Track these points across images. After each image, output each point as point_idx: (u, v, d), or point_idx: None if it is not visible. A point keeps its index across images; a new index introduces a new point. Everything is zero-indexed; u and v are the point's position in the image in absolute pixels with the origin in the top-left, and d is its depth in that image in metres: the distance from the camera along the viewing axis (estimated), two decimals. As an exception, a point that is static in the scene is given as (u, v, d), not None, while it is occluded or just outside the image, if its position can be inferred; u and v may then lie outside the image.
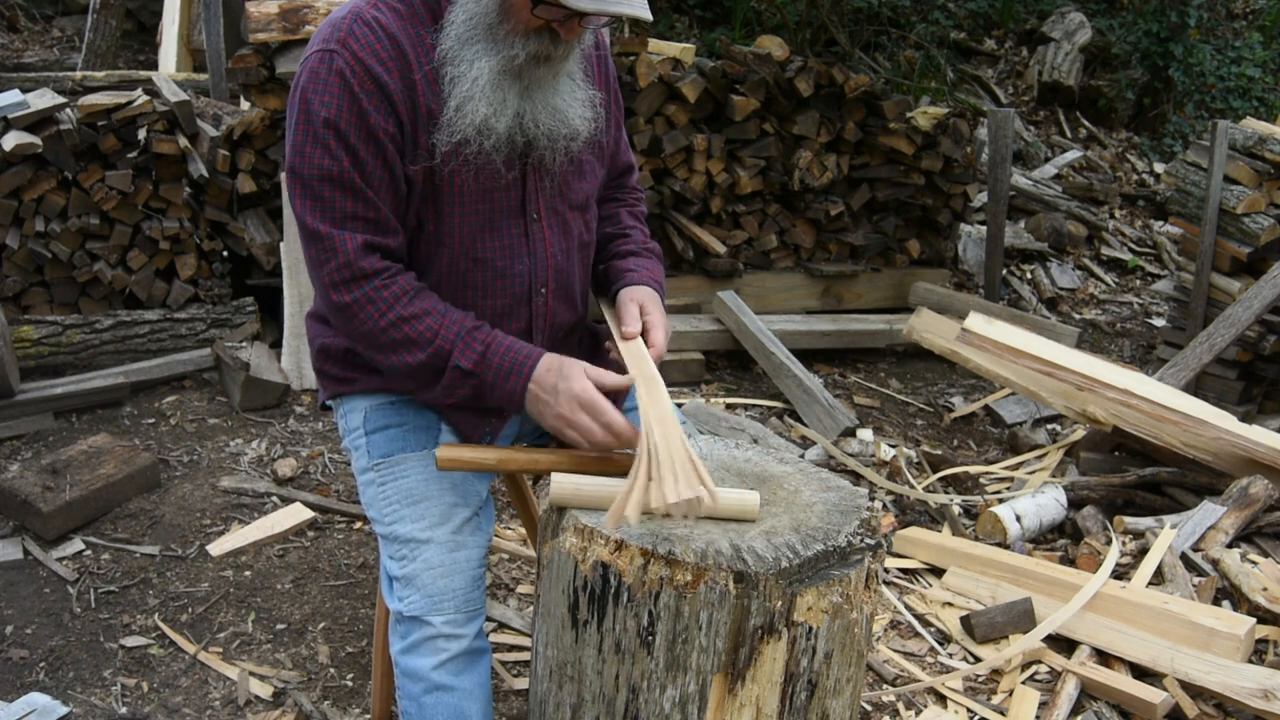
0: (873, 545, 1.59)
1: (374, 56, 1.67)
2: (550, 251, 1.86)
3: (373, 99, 1.67)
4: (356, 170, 1.67)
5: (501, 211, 1.80)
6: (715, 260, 4.71)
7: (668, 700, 1.52)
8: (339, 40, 1.67)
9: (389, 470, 1.84)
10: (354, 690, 2.48)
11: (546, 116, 1.73)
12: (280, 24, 3.92)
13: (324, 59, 1.68)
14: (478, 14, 1.66)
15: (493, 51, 1.66)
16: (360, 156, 1.68)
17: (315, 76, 1.68)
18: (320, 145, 1.67)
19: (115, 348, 3.89)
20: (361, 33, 1.68)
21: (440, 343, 1.70)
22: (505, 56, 1.66)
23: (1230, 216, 4.62)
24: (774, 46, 4.75)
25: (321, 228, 1.69)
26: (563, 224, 1.88)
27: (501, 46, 1.66)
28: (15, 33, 6.65)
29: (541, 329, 1.90)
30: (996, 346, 3.79)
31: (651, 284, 1.95)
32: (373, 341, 1.73)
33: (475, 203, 1.77)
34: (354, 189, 1.68)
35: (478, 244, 1.79)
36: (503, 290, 1.84)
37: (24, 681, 2.44)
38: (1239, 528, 3.15)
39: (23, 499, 2.92)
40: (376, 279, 1.70)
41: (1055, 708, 2.51)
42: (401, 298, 1.70)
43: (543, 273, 1.86)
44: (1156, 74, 7.79)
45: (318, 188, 1.68)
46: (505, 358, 1.70)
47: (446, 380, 1.72)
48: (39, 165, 3.86)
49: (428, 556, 1.78)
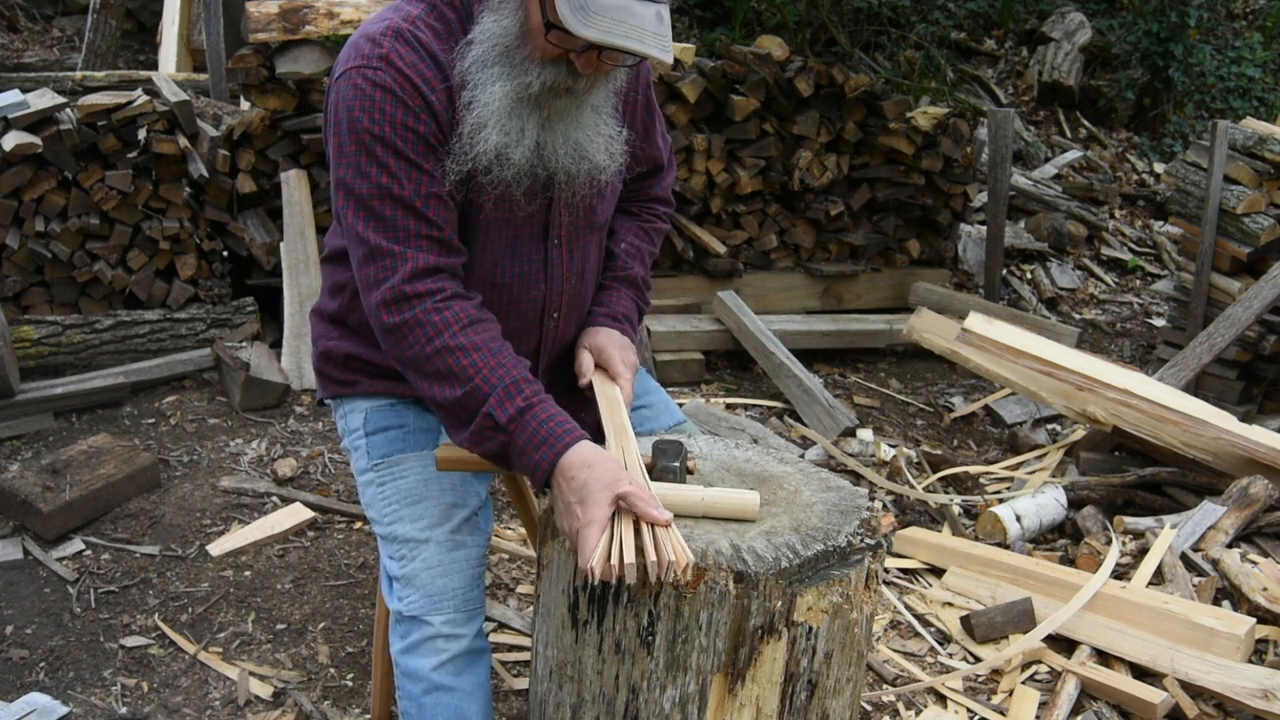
0: (873, 545, 1.59)
1: (418, 75, 1.63)
2: (566, 276, 1.85)
3: (422, 113, 1.63)
4: (418, 187, 1.63)
5: (524, 239, 1.78)
6: (715, 260, 4.71)
7: (668, 700, 1.52)
8: (380, 57, 1.63)
9: (388, 471, 1.84)
10: (354, 690, 2.48)
11: (568, 152, 1.68)
12: (280, 24, 3.92)
13: (367, 75, 1.63)
14: (498, 35, 1.62)
15: (508, 76, 1.62)
16: (424, 169, 1.63)
17: (361, 93, 1.62)
18: (376, 162, 1.62)
19: (115, 348, 3.89)
20: (404, 50, 1.64)
21: (480, 383, 1.59)
22: (521, 83, 1.61)
23: (1230, 216, 4.62)
24: (774, 46, 4.75)
25: (384, 244, 1.63)
26: (582, 248, 1.86)
27: (518, 72, 1.61)
28: (15, 33, 6.65)
29: (550, 350, 1.90)
30: (996, 346, 3.79)
31: (606, 322, 1.92)
32: (418, 368, 1.64)
33: (500, 229, 1.74)
34: (414, 208, 1.63)
35: (498, 270, 1.77)
36: (517, 314, 1.83)
37: (24, 681, 2.44)
38: (1239, 528, 3.15)
39: (23, 499, 2.92)
40: (429, 300, 1.62)
41: (1055, 708, 2.51)
42: (452, 324, 1.62)
43: (556, 297, 1.85)
44: (1156, 74, 7.79)
45: (378, 206, 1.63)
46: (545, 426, 1.57)
47: (476, 426, 1.61)
48: (39, 165, 3.86)
49: (426, 556, 1.78)
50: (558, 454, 1.55)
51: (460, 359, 1.61)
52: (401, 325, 1.63)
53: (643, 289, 2.04)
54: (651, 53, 1.53)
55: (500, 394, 1.59)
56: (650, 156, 2.02)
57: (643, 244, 2.05)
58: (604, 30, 1.50)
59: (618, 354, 1.87)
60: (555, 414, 1.60)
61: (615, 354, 1.86)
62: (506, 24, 1.61)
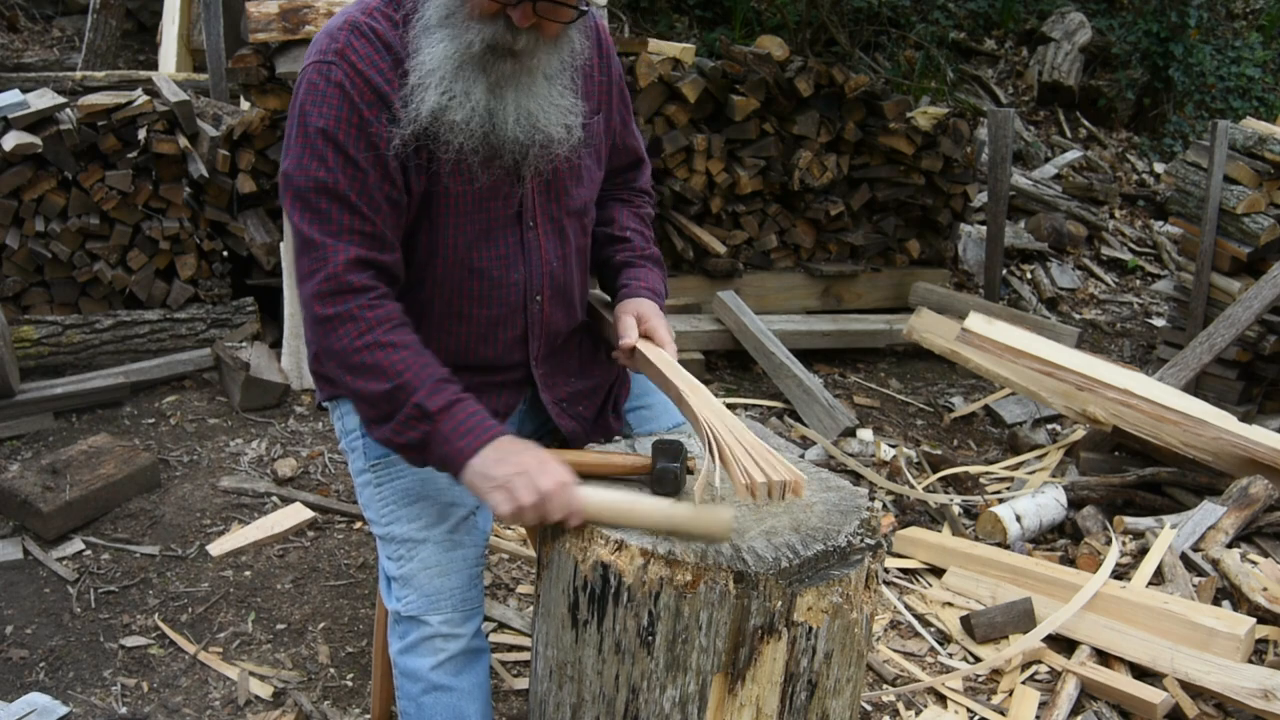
0: (873, 545, 1.59)
1: (373, 67, 1.65)
2: (546, 259, 1.84)
3: (373, 109, 1.64)
4: (354, 182, 1.64)
5: (498, 221, 1.78)
6: (715, 260, 4.71)
7: (668, 700, 1.52)
8: (336, 51, 1.65)
9: (385, 471, 1.84)
10: (354, 690, 2.48)
11: (518, 119, 1.68)
12: (280, 24, 3.92)
13: (321, 70, 1.65)
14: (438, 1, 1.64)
15: (450, 37, 1.62)
16: (361, 167, 1.65)
17: (313, 89, 1.66)
18: (316, 157, 1.64)
19: (115, 348, 3.89)
20: (359, 43, 1.65)
21: (410, 378, 1.63)
22: (462, 42, 1.62)
23: (1230, 216, 4.62)
24: (774, 46, 4.75)
25: (316, 237, 1.65)
26: (559, 231, 1.86)
27: (459, 31, 1.62)
28: (15, 33, 6.64)
29: (538, 335, 1.89)
30: (996, 346, 3.79)
31: (648, 294, 1.92)
32: (343, 360, 1.66)
33: (471, 212, 1.75)
34: (349, 202, 1.65)
35: (474, 254, 1.77)
36: (498, 299, 1.82)
37: (24, 681, 2.44)
38: (1239, 528, 3.15)
39: (23, 499, 2.92)
40: (364, 296, 1.65)
41: (1055, 708, 2.51)
42: (385, 322, 1.65)
43: (538, 280, 1.84)
44: (1156, 74, 7.79)
45: (314, 200, 1.65)
46: (472, 419, 1.62)
47: (402, 416, 1.63)
48: (39, 165, 3.86)
49: (424, 556, 1.77)
50: (484, 442, 1.60)
51: (390, 354, 1.64)
52: (335, 318, 1.65)
53: (662, 270, 2.05)
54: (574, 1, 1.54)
55: (430, 387, 1.63)
56: (631, 148, 2.04)
57: (643, 228, 2.06)
58: None
59: (662, 324, 1.87)
60: (483, 413, 1.64)
61: (660, 324, 1.87)
62: None
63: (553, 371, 1.94)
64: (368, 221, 1.67)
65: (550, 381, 1.94)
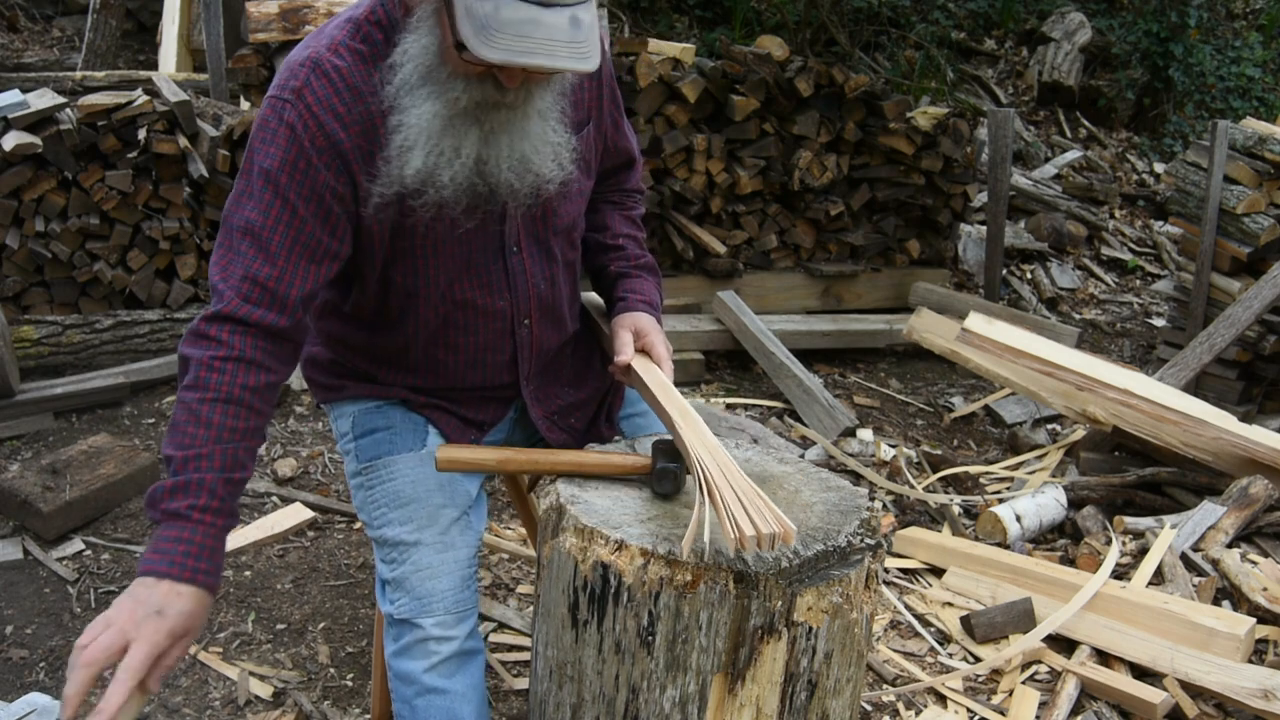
0: (873, 545, 1.59)
1: (329, 111, 1.57)
2: (533, 283, 1.80)
3: (324, 155, 1.56)
4: (285, 229, 1.56)
5: (479, 252, 1.73)
6: (715, 260, 4.71)
7: (668, 700, 1.52)
8: (294, 90, 1.56)
9: (375, 474, 1.83)
10: (354, 690, 2.48)
11: (511, 165, 1.61)
12: (280, 24, 3.92)
13: (275, 108, 1.57)
14: (418, 55, 1.53)
15: (435, 95, 1.54)
16: (299, 214, 1.57)
17: (265, 125, 1.58)
18: (251, 196, 1.57)
19: (115, 348, 3.89)
20: (319, 85, 1.57)
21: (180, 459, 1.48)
22: (449, 99, 1.53)
23: (1230, 216, 4.62)
24: (774, 46, 4.75)
25: (218, 280, 1.56)
26: (546, 252, 1.81)
27: (444, 89, 1.53)
28: (15, 33, 6.65)
29: (527, 358, 1.87)
30: (996, 346, 3.79)
31: (644, 308, 1.88)
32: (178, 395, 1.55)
33: (449, 248, 1.69)
34: (267, 250, 1.56)
35: (456, 288, 1.73)
36: (485, 327, 1.80)
37: (24, 681, 2.44)
38: (1239, 528, 3.15)
39: (23, 499, 2.92)
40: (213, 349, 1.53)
41: (1055, 708, 2.51)
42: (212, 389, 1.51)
43: (525, 305, 1.81)
44: (1156, 74, 7.79)
45: (236, 240, 1.57)
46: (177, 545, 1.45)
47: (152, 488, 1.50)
48: (39, 165, 3.86)
49: (416, 559, 1.76)
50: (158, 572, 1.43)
51: (191, 428, 1.50)
52: (185, 358, 1.55)
53: (657, 278, 2.00)
54: (564, 65, 1.42)
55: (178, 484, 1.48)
56: (623, 149, 1.97)
57: (636, 232, 2.02)
58: (507, 49, 1.39)
59: (660, 339, 1.83)
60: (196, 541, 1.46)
61: (657, 339, 1.83)
62: (425, 42, 1.53)
63: (544, 385, 1.93)
64: (276, 276, 1.57)
65: (541, 395, 1.92)
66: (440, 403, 1.87)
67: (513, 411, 1.95)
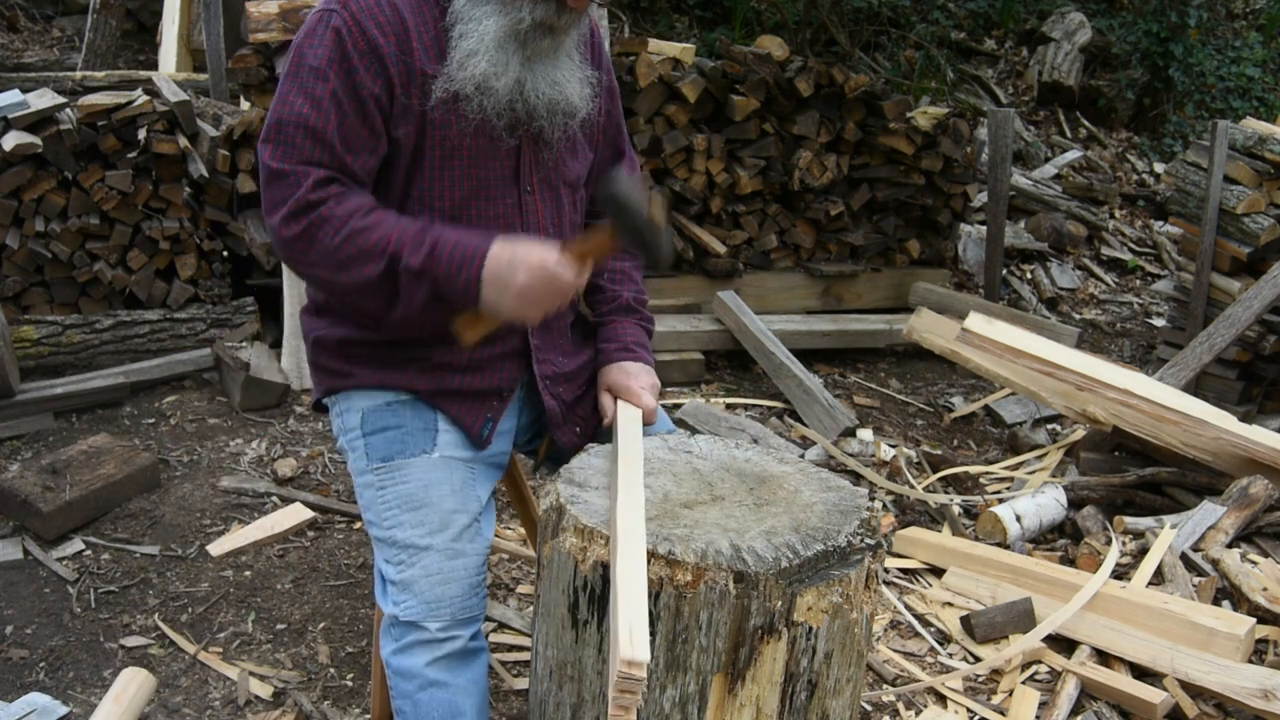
0: (873, 545, 1.59)
1: (371, 19, 1.70)
2: (543, 225, 1.88)
3: (365, 59, 1.69)
4: (335, 120, 1.69)
5: (496, 180, 1.82)
6: (715, 260, 4.71)
7: (668, 700, 1.52)
8: (340, 1, 1.71)
9: (389, 475, 1.83)
10: (354, 690, 2.48)
11: (547, 87, 1.76)
12: (280, 24, 3.91)
13: (323, 17, 1.72)
14: None
15: (501, 12, 1.70)
16: (344, 109, 1.69)
17: (311, 33, 1.72)
18: (304, 93, 1.69)
19: (115, 348, 3.89)
20: None
21: (393, 249, 1.67)
22: (513, 19, 1.70)
23: (1230, 216, 4.62)
24: (774, 46, 4.75)
25: (285, 167, 1.69)
26: (555, 199, 1.91)
27: (510, 8, 1.70)
28: (15, 33, 6.65)
29: None
30: (996, 346, 3.79)
31: (620, 355, 1.99)
32: (332, 260, 1.69)
33: (467, 168, 1.79)
34: (324, 139, 1.69)
35: (470, 209, 1.80)
36: None
37: (24, 681, 2.44)
38: (1239, 528, 3.15)
39: (23, 499, 2.92)
40: (330, 201, 1.69)
41: (1055, 708, 2.51)
42: (356, 213, 1.68)
43: None
44: (1156, 74, 7.79)
45: (290, 132, 1.69)
46: (456, 251, 1.67)
47: (404, 289, 1.68)
48: (39, 165, 3.86)
49: (427, 563, 1.76)
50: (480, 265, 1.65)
51: (370, 236, 1.67)
52: (308, 228, 1.68)
53: (639, 309, 2.08)
54: None
55: (410, 246, 1.66)
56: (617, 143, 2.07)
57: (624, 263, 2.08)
58: None
59: (634, 382, 1.94)
60: (460, 237, 1.68)
61: (632, 383, 1.93)
62: None
63: (545, 346, 1.96)
64: (337, 158, 1.71)
65: (542, 356, 1.95)
66: (449, 384, 1.87)
67: (521, 388, 1.97)
